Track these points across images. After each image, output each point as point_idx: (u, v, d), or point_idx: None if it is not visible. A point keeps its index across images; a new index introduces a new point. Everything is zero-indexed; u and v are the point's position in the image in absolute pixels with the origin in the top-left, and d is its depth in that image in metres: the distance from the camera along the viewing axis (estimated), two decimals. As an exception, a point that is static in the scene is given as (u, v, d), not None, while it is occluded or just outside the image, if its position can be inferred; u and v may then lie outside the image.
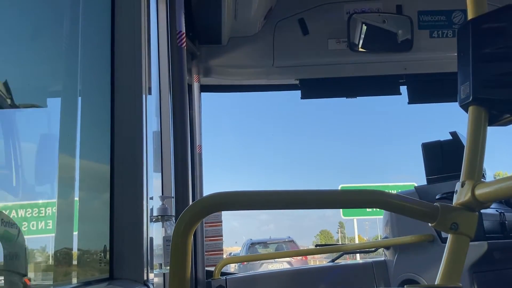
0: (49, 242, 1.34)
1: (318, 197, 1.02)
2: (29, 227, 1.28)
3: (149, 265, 1.44)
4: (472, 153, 1.06)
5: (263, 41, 2.90)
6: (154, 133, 2.07)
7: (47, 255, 1.37)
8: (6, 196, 1.23)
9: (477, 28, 1.08)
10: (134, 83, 1.41)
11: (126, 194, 1.36)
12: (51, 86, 1.48)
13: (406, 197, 1.05)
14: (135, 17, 1.44)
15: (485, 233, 2.48)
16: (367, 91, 3.09)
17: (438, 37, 2.89)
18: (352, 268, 3.33)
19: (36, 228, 1.31)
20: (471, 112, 1.08)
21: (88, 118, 1.44)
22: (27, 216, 1.29)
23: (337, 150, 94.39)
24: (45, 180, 1.40)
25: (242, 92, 3.45)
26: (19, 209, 1.27)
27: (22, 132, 1.31)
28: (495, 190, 0.97)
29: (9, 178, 1.25)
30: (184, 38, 2.06)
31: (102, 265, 1.34)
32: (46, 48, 1.40)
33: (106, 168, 1.37)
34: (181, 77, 2.03)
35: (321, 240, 57.53)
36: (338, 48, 2.88)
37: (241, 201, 0.99)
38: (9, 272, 1.07)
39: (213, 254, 2.96)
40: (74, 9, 1.48)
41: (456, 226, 1.02)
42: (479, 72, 1.06)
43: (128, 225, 1.35)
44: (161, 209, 1.84)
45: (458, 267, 1.02)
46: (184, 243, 0.93)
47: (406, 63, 2.94)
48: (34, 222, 1.30)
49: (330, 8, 2.91)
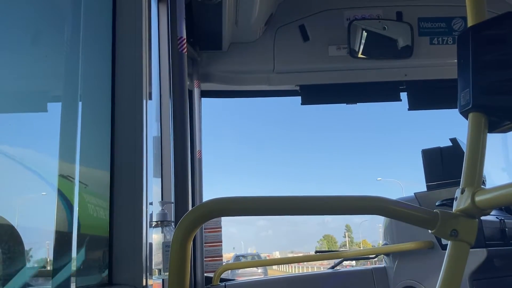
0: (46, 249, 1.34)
1: (317, 203, 1.02)
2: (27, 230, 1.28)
3: (148, 271, 1.43)
4: (472, 160, 1.06)
5: (263, 47, 2.91)
6: (154, 138, 2.07)
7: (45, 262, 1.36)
8: (5, 201, 1.23)
9: (477, 35, 1.08)
10: (134, 88, 1.42)
11: (126, 199, 1.36)
12: (52, 90, 1.48)
13: (406, 203, 1.05)
14: (136, 22, 1.45)
15: (485, 240, 2.48)
16: (367, 97, 3.09)
17: (438, 44, 2.90)
18: (352, 275, 3.32)
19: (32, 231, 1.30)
20: (471, 118, 1.08)
21: (88, 123, 1.44)
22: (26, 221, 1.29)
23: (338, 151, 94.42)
24: (44, 185, 1.39)
25: (242, 97, 3.45)
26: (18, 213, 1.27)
27: (21, 137, 1.31)
28: (495, 197, 0.97)
29: (7, 183, 1.25)
30: (185, 44, 2.06)
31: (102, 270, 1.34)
32: (46, 53, 1.40)
33: (106, 173, 1.37)
34: (182, 82, 2.03)
35: (325, 245, 56.51)
36: (338, 54, 2.89)
37: (241, 207, 0.99)
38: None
39: (213, 260, 2.95)
40: (75, 13, 1.48)
41: (456, 233, 1.02)
42: (479, 79, 1.06)
43: (128, 230, 1.34)
44: (160, 214, 1.84)
45: (458, 274, 1.02)
46: (184, 248, 0.93)
47: (406, 70, 2.95)
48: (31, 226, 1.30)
49: (330, 14, 2.92)
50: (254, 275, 15.19)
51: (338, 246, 54.90)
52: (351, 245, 52.84)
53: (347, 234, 56.24)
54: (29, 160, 1.30)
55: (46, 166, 1.38)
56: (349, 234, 56.58)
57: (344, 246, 54.16)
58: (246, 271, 15.67)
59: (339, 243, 57.63)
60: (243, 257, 22.97)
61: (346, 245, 53.55)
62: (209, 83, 2.99)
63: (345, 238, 55.95)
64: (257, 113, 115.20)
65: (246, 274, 15.51)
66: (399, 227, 3.08)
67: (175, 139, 2.01)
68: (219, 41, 2.77)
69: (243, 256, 23.48)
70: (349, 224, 54.70)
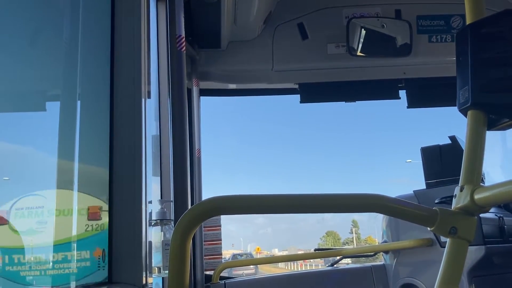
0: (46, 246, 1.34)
1: (317, 201, 1.02)
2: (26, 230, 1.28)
3: (147, 269, 1.43)
4: (471, 158, 1.06)
5: (262, 46, 2.91)
6: (153, 137, 2.07)
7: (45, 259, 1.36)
8: (4, 200, 1.23)
9: (475, 32, 1.08)
10: (133, 86, 1.41)
11: (125, 197, 1.36)
12: (50, 89, 1.48)
13: (405, 201, 1.05)
14: (134, 21, 1.45)
15: (484, 238, 2.48)
16: (366, 95, 3.09)
17: (437, 42, 2.90)
18: (352, 273, 3.33)
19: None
20: (470, 116, 1.08)
21: (87, 122, 1.44)
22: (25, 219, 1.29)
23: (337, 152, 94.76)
24: (43, 184, 1.39)
25: (241, 96, 3.45)
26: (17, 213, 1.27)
27: (20, 136, 1.31)
28: (494, 195, 0.97)
29: (7, 182, 1.25)
30: (184, 42, 2.06)
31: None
32: (45, 52, 1.40)
33: (105, 171, 1.37)
34: (181, 81, 2.02)
35: (329, 241, 55.26)
36: (337, 52, 2.89)
37: (240, 205, 0.99)
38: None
39: (212, 258, 2.96)
40: (73, 13, 1.48)
41: (455, 231, 1.02)
42: (478, 76, 1.06)
43: (127, 229, 1.34)
44: (160, 213, 1.83)
45: (457, 272, 1.02)
46: (183, 247, 0.93)
47: (405, 68, 2.95)
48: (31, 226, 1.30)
49: (329, 12, 2.92)
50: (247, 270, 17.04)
51: (341, 243, 53.95)
52: (358, 242, 51.76)
53: (354, 230, 55.05)
54: (29, 159, 1.30)
55: (45, 165, 1.38)
56: (356, 230, 55.35)
57: (348, 243, 52.98)
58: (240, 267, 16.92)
59: (343, 239, 56.67)
60: (240, 256, 25.30)
61: (354, 241, 52.30)
62: (208, 81, 2.99)
63: (351, 234, 54.82)
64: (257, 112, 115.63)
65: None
66: (398, 224, 3.08)
67: (174, 138, 2.01)
68: (218, 39, 2.76)
69: (240, 255, 25.76)
70: (355, 220, 53.50)
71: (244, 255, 29.33)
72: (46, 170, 1.38)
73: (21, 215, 1.27)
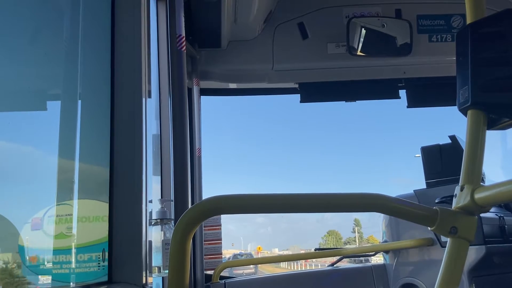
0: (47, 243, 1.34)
1: (317, 200, 1.02)
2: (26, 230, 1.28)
3: (148, 268, 1.43)
4: (471, 157, 1.06)
5: (262, 45, 2.91)
6: (153, 136, 2.07)
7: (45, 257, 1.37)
8: (6, 199, 1.23)
9: (476, 32, 1.08)
10: (134, 86, 1.42)
11: (126, 197, 1.36)
12: (51, 89, 1.48)
13: (406, 200, 1.05)
14: (135, 21, 1.45)
15: (484, 237, 2.48)
16: (366, 95, 3.09)
17: (437, 41, 2.89)
18: (352, 272, 3.33)
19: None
20: (470, 116, 1.08)
21: (88, 121, 1.44)
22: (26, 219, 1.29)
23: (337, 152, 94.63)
24: (44, 183, 1.40)
25: (241, 95, 3.45)
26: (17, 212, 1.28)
27: (21, 135, 1.31)
28: (495, 194, 0.97)
29: (8, 182, 1.25)
30: (184, 42, 2.06)
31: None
32: (46, 51, 1.40)
33: (105, 171, 1.37)
34: (181, 80, 2.02)
35: (330, 241, 54.53)
36: (337, 52, 2.89)
37: (240, 204, 0.99)
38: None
39: (212, 257, 2.95)
40: (74, 12, 1.48)
41: (456, 230, 1.02)
42: (478, 76, 1.06)
43: (127, 228, 1.34)
44: (160, 212, 1.83)
45: (457, 271, 1.02)
46: (183, 246, 0.93)
47: (405, 67, 2.95)
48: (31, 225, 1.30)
49: (329, 12, 2.92)
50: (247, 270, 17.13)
51: (343, 243, 53.35)
52: (360, 241, 51.16)
53: (356, 229, 54.37)
54: (29, 158, 1.30)
55: (46, 164, 1.38)
56: (359, 229, 54.65)
57: (349, 242, 52.43)
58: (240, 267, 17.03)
59: (344, 239, 56.08)
60: (240, 255, 25.28)
61: (356, 241, 51.64)
62: (208, 81, 2.99)
63: (354, 233, 54.16)
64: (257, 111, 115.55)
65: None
66: (398, 224, 3.09)
67: (175, 137, 2.01)
68: (218, 39, 2.76)
69: (240, 255, 25.71)
70: (358, 218, 52.76)
71: (244, 255, 29.22)
72: (47, 169, 1.38)
73: (52, 222, 1.32)
